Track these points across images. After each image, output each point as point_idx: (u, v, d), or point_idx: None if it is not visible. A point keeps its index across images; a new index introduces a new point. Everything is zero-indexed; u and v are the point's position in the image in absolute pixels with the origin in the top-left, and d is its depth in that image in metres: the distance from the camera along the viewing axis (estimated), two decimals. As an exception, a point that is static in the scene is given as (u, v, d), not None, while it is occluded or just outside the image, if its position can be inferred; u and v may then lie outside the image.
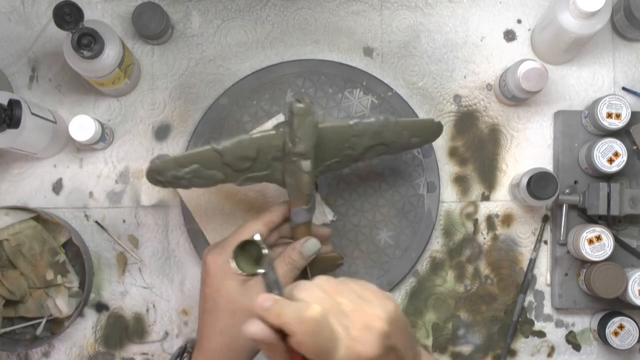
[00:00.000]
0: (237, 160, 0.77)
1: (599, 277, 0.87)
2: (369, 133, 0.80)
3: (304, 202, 0.78)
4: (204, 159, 0.77)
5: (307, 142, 0.76)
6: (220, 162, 0.77)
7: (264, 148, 0.77)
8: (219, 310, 0.75)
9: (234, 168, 0.77)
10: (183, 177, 0.77)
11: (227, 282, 0.74)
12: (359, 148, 0.81)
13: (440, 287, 0.94)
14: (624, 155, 0.87)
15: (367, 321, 0.56)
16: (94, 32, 0.82)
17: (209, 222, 0.92)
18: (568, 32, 0.84)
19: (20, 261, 0.90)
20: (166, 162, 0.76)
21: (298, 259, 0.76)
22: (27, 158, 0.94)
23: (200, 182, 0.78)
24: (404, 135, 0.82)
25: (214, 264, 0.76)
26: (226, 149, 0.76)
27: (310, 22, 0.96)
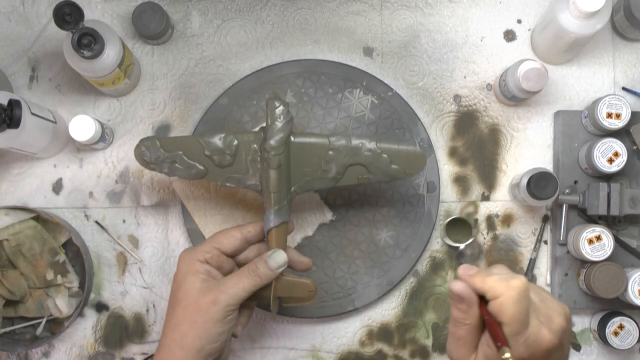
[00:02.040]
0: (218, 154, 0.80)
1: (599, 277, 0.87)
2: (346, 149, 0.81)
3: (272, 203, 0.79)
4: (187, 146, 0.81)
5: (277, 136, 0.78)
6: (202, 153, 0.80)
7: (243, 146, 0.80)
8: (175, 306, 0.75)
9: (215, 162, 0.80)
10: (165, 161, 0.81)
11: (188, 278, 0.75)
12: (337, 165, 0.81)
13: (440, 287, 0.94)
14: (624, 155, 0.87)
15: (550, 314, 0.62)
16: (94, 32, 0.82)
17: (208, 223, 0.92)
18: (568, 32, 0.84)
19: (20, 261, 0.90)
20: (152, 143, 0.81)
21: (263, 270, 0.75)
22: (27, 158, 0.94)
23: (180, 170, 0.81)
24: (384, 159, 0.81)
25: (182, 261, 0.77)
26: (208, 139, 0.80)
27: (310, 22, 0.96)
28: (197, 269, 0.75)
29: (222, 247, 0.77)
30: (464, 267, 0.64)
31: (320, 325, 0.94)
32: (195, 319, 0.73)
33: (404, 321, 0.94)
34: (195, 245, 0.79)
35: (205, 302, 0.73)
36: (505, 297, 0.60)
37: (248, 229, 0.79)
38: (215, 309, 0.73)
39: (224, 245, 0.77)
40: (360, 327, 0.94)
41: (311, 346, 0.94)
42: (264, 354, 0.94)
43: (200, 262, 0.76)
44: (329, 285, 0.92)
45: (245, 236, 0.79)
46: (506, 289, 0.60)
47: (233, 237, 0.78)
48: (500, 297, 0.60)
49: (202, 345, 0.73)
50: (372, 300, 0.92)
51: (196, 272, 0.75)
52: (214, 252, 0.77)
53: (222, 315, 0.73)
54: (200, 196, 0.92)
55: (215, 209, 0.92)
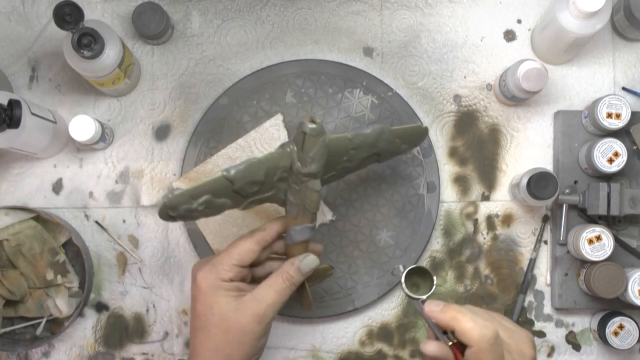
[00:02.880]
0: (246, 186, 0.73)
1: (599, 277, 0.87)
2: (366, 144, 0.79)
3: (309, 220, 0.77)
4: (214, 188, 0.72)
5: (319, 162, 0.74)
6: (230, 189, 0.73)
7: (271, 169, 0.74)
8: (211, 328, 0.73)
9: (243, 194, 0.74)
10: (195, 210, 0.73)
11: (220, 299, 0.73)
12: (355, 160, 0.80)
13: (440, 287, 0.94)
14: (624, 155, 0.87)
15: (520, 347, 0.65)
16: (94, 32, 0.82)
17: (208, 223, 0.92)
18: (568, 32, 0.84)
19: (20, 261, 0.90)
20: (180, 196, 0.71)
21: (296, 275, 0.74)
22: (27, 158, 0.94)
23: (210, 212, 0.74)
24: (396, 142, 0.82)
25: (204, 281, 0.73)
26: (237, 176, 0.72)
27: (310, 22, 0.96)
28: (226, 288, 0.73)
29: (241, 262, 0.74)
30: (429, 303, 0.66)
31: (320, 325, 0.94)
32: (241, 340, 0.72)
33: (404, 321, 0.94)
34: (208, 260, 0.76)
35: (249, 323, 0.72)
36: (481, 348, 0.62)
37: (264, 237, 0.76)
38: (259, 328, 0.72)
39: (244, 261, 0.74)
40: (360, 327, 0.94)
41: (311, 346, 0.94)
42: (263, 353, 0.94)
43: (223, 281, 0.73)
44: (329, 285, 0.92)
45: (262, 246, 0.76)
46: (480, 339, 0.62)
47: (251, 250, 0.75)
48: (474, 347, 0.62)
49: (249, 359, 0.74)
50: (372, 300, 0.92)
51: (226, 293, 0.73)
52: (236, 270, 0.74)
53: (266, 331, 0.73)
54: (200, 196, 0.92)
55: (215, 209, 0.92)
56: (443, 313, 0.64)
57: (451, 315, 0.63)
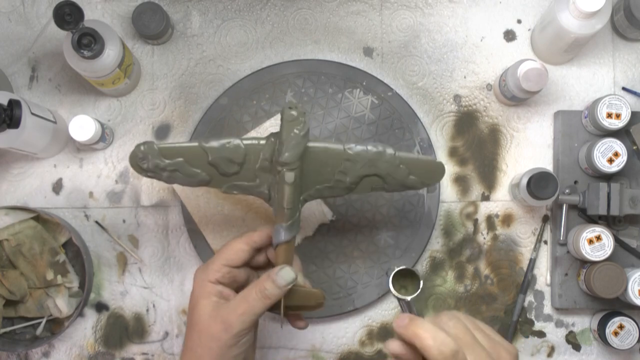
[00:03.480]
0: (223, 162, 0.75)
1: (599, 277, 0.87)
2: (363, 160, 0.76)
3: (283, 218, 0.75)
4: (189, 153, 0.75)
5: (292, 151, 0.73)
6: (205, 160, 0.75)
7: (252, 155, 0.75)
8: (191, 329, 0.75)
9: (220, 170, 0.75)
10: (165, 169, 0.75)
11: (202, 302, 0.74)
12: (352, 175, 0.76)
13: (440, 287, 0.94)
14: (624, 155, 0.87)
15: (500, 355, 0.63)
16: (94, 32, 0.82)
17: (208, 223, 0.92)
18: (568, 32, 0.84)
19: (20, 261, 0.90)
20: (150, 149, 0.75)
21: (270, 288, 0.73)
22: (27, 158, 0.94)
23: (181, 178, 0.76)
24: (402, 170, 0.77)
25: (196, 281, 0.76)
26: (213, 147, 0.74)
27: (310, 22, 0.96)
28: (209, 291, 0.74)
29: (231, 262, 0.76)
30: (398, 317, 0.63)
31: (320, 325, 0.94)
32: (210, 346, 0.72)
33: (404, 321, 0.94)
34: (207, 263, 0.78)
35: (217, 330, 0.72)
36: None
37: (254, 238, 0.77)
38: (226, 337, 0.72)
39: (233, 260, 0.76)
40: (360, 327, 0.94)
41: (311, 346, 0.94)
42: (264, 354, 0.94)
43: (212, 283, 0.75)
44: (329, 285, 0.92)
45: (251, 247, 0.77)
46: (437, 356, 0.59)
47: (240, 250, 0.76)
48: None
49: None
50: (372, 300, 0.92)
51: (208, 295, 0.74)
52: (224, 270, 0.75)
53: (235, 341, 0.72)
54: (200, 196, 0.92)
55: (216, 209, 0.92)
56: (406, 329, 0.61)
57: (412, 331, 0.61)
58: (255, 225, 0.92)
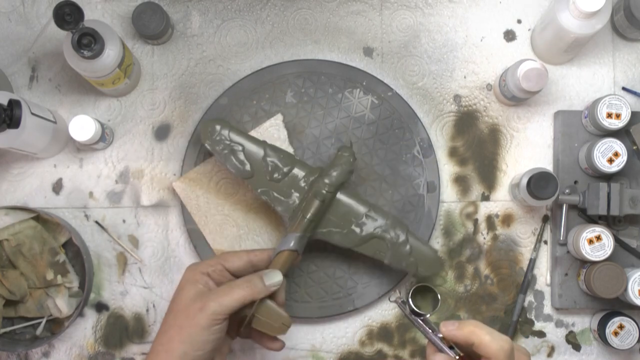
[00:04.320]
0: (272, 165, 0.85)
1: (599, 277, 0.87)
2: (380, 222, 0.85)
3: (299, 228, 0.82)
4: (251, 143, 0.85)
5: (339, 177, 0.84)
6: (260, 156, 0.85)
7: (298, 172, 0.85)
8: (169, 311, 0.76)
9: (267, 170, 0.84)
10: (227, 146, 0.84)
11: (187, 286, 0.76)
12: (365, 230, 0.85)
13: (440, 287, 0.94)
14: (624, 155, 0.87)
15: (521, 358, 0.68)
16: (94, 32, 0.82)
17: (208, 223, 0.92)
18: (568, 32, 0.84)
19: (20, 261, 0.90)
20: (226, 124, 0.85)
21: (256, 283, 0.76)
22: (27, 158, 0.94)
23: (233, 163, 0.85)
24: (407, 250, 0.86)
25: (186, 271, 0.79)
26: (274, 147, 0.86)
27: (310, 22, 0.96)
28: (197, 279, 0.77)
29: (227, 264, 0.79)
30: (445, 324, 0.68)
31: (320, 325, 0.94)
32: (181, 324, 0.74)
33: (404, 321, 0.94)
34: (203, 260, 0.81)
35: (193, 309, 0.74)
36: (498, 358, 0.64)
37: (255, 253, 0.81)
38: (201, 315, 0.73)
39: (230, 262, 0.79)
40: (360, 327, 0.94)
41: (311, 346, 0.94)
42: (264, 354, 0.94)
43: (201, 274, 0.77)
44: (329, 285, 0.92)
45: (251, 259, 0.80)
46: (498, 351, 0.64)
47: (240, 257, 0.79)
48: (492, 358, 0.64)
49: (186, 350, 0.73)
50: (372, 300, 0.92)
51: (194, 282, 0.76)
52: (218, 267, 0.78)
53: (208, 323, 0.73)
54: (200, 196, 0.92)
55: (215, 209, 0.92)
56: (460, 329, 0.67)
57: (469, 329, 0.66)
58: (255, 225, 0.92)
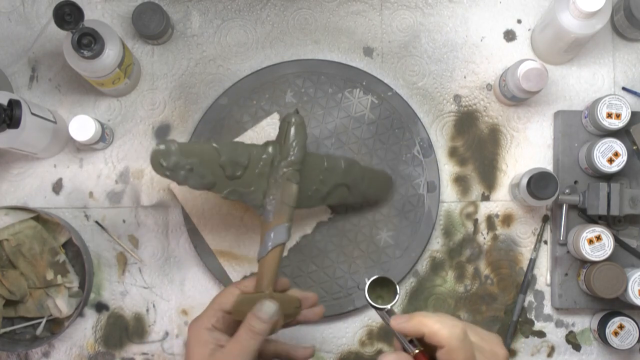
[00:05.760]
0: (231, 165, 0.76)
1: (599, 277, 0.87)
2: (339, 170, 0.82)
3: (286, 218, 0.78)
4: (204, 153, 0.76)
5: (300, 151, 0.78)
6: (216, 162, 0.76)
7: (255, 158, 0.77)
8: None
9: (227, 173, 0.77)
10: (183, 167, 0.75)
11: (198, 350, 0.74)
12: (328, 184, 0.82)
13: (440, 287, 0.94)
14: (624, 155, 0.87)
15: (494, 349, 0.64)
16: (94, 32, 0.82)
17: (206, 224, 0.92)
18: (568, 32, 0.84)
19: (20, 261, 0.90)
20: (172, 144, 0.74)
21: (257, 325, 0.73)
22: (27, 158, 0.95)
23: (194, 179, 0.76)
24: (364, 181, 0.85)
25: (191, 330, 0.75)
26: (223, 148, 0.76)
27: (310, 22, 0.96)
28: (206, 340, 0.74)
29: (224, 306, 0.75)
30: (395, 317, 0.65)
31: (320, 325, 0.94)
32: None
33: (404, 321, 0.94)
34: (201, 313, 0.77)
35: None
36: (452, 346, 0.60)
37: (245, 284, 0.78)
38: None
39: (226, 304, 0.76)
40: (360, 327, 0.94)
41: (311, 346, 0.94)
42: (264, 354, 0.94)
43: (207, 330, 0.74)
44: (329, 285, 0.92)
45: (243, 291, 0.77)
46: (449, 337, 0.60)
47: (232, 295, 0.76)
48: (445, 347, 0.60)
49: None
50: (372, 300, 0.92)
51: (205, 344, 0.73)
52: (219, 315, 0.75)
53: None
54: (198, 196, 0.92)
55: (214, 210, 0.92)
56: (409, 321, 0.63)
57: (417, 320, 0.62)
58: (254, 226, 0.92)
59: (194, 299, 0.94)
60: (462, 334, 0.61)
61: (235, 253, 0.92)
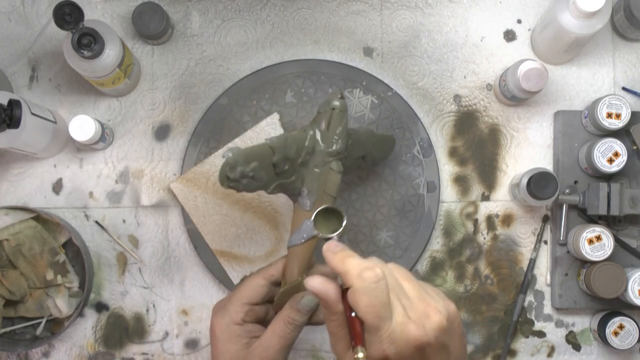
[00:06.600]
0: (281, 161, 0.73)
1: (599, 277, 0.87)
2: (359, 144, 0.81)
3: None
4: (261, 154, 0.72)
5: (344, 140, 0.75)
6: (270, 160, 0.72)
7: (299, 149, 0.74)
8: None
9: (277, 170, 0.73)
10: (247, 175, 0.71)
11: (230, 346, 0.72)
12: (350, 159, 0.80)
13: (440, 287, 0.94)
14: (624, 155, 0.87)
15: (427, 310, 0.58)
16: (94, 32, 0.82)
17: (206, 223, 0.92)
18: (568, 32, 0.84)
19: (20, 261, 0.90)
20: (238, 155, 0.70)
21: (297, 317, 0.72)
22: (27, 158, 0.94)
23: (252, 185, 0.73)
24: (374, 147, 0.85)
25: (218, 327, 0.73)
26: (277, 144, 0.73)
27: (310, 22, 0.96)
28: (238, 334, 0.72)
29: (251, 300, 0.73)
30: (330, 243, 0.60)
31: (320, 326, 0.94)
32: None
33: (404, 321, 0.94)
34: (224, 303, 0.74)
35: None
36: (356, 287, 0.56)
37: (270, 272, 0.75)
38: None
39: (253, 298, 0.74)
40: (360, 327, 0.94)
41: (311, 346, 0.94)
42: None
43: (238, 325, 0.72)
44: (329, 285, 0.92)
45: (269, 281, 0.75)
46: (358, 278, 0.56)
47: (258, 286, 0.74)
48: (353, 286, 0.56)
49: None
50: (372, 300, 0.92)
51: (237, 339, 0.72)
52: (246, 308, 0.73)
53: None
54: (198, 196, 0.92)
55: (214, 209, 0.92)
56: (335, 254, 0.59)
57: (340, 257, 0.58)
58: (254, 225, 0.92)
59: (194, 299, 0.94)
60: (373, 277, 0.56)
61: (235, 253, 0.92)
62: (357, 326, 0.57)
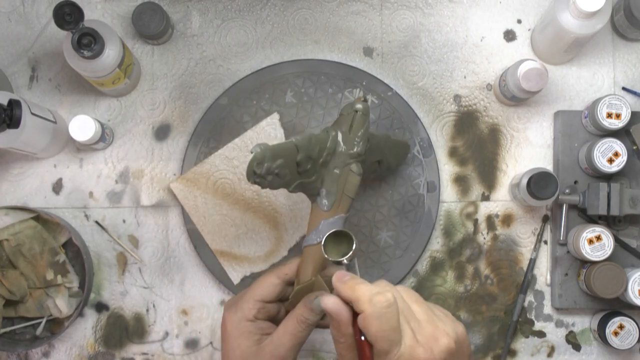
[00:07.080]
0: (305, 160, 0.74)
1: (599, 277, 0.87)
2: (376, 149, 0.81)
3: (345, 209, 0.76)
4: (286, 152, 0.72)
5: (365, 143, 0.76)
6: (294, 159, 0.73)
7: (322, 149, 0.75)
8: None
9: (300, 169, 0.74)
10: (273, 172, 0.71)
11: (242, 342, 0.72)
12: (367, 162, 0.80)
13: (440, 287, 0.94)
14: (624, 155, 0.87)
15: (436, 333, 0.59)
16: (94, 32, 0.82)
17: (206, 223, 0.92)
18: (568, 32, 0.84)
19: (20, 261, 0.90)
20: (266, 151, 0.70)
21: (310, 316, 0.72)
22: (27, 158, 0.95)
23: (276, 183, 0.73)
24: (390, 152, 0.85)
25: (230, 322, 0.74)
26: (302, 143, 0.73)
27: (310, 22, 0.96)
28: (250, 331, 0.73)
29: (265, 298, 0.74)
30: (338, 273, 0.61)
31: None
32: None
33: (404, 321, 0.94)
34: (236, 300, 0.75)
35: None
36: (368, 312, 0.57)
37: (284, 271, 0.76)
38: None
39: (266, 296, 0.74)
40: (360, 327, 0.94)
41: (311, 346, 0.94)
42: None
43: (250, 322, 0.73)
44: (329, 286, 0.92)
45: (283, 280, 0.75)
46: (369, 303, 0.57)
47: (272, 284, 0.75)
48: (364, 312, 0.57)
49: None
50: (372, 300, 0.92)
51: (248, 335, 0.72)
52: (259, 306, 0.73)
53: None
54: (198, 196, 0.92)
55: (214, 209, 0.92)
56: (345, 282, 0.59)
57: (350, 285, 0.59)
58: (254, 225, 0.92)
59: (194, 299, 0.94)
60: (384, 302, 0.57)
61: (235, 253, 0.92)
62: (367, 350, 0.58)
